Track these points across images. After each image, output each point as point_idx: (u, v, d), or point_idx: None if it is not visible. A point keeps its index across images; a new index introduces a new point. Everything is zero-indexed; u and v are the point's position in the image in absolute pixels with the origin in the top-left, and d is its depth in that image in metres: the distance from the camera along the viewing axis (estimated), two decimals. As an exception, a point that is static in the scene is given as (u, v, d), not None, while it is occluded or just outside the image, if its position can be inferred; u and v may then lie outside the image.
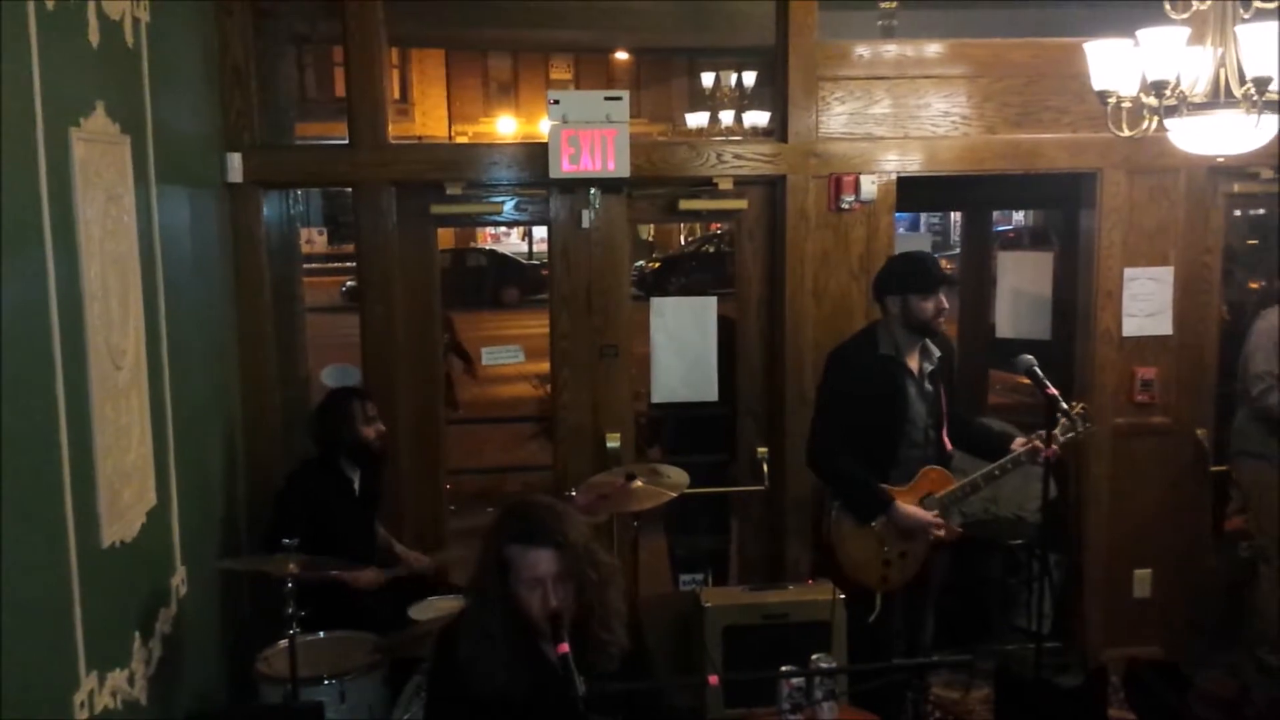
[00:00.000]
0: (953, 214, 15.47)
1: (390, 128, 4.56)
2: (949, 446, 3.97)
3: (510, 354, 4.88)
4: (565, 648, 2.32)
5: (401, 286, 4.52)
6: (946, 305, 3.89)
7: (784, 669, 3.04)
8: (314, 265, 16.51)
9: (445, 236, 21.54)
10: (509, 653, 2.47)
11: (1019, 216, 16.15)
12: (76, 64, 2.74)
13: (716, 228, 17.27)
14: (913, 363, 3.89)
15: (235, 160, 4.18)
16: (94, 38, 2.84)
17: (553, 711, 2.43)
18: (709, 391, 4.80)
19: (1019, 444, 3.89)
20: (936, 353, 3.93)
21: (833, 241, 4.68)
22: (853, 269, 4.69)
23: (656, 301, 4.79)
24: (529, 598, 2.46)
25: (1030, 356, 3.59)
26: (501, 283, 18.31)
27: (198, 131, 3.94)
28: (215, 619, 3.88)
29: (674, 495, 4.04)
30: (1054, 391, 3.52)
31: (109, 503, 2.81)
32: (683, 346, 4.73)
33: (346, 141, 4.43)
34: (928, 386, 3.90)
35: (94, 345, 2.76)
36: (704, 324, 4.76)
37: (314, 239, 19.11)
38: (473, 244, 21.93)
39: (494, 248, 21.31)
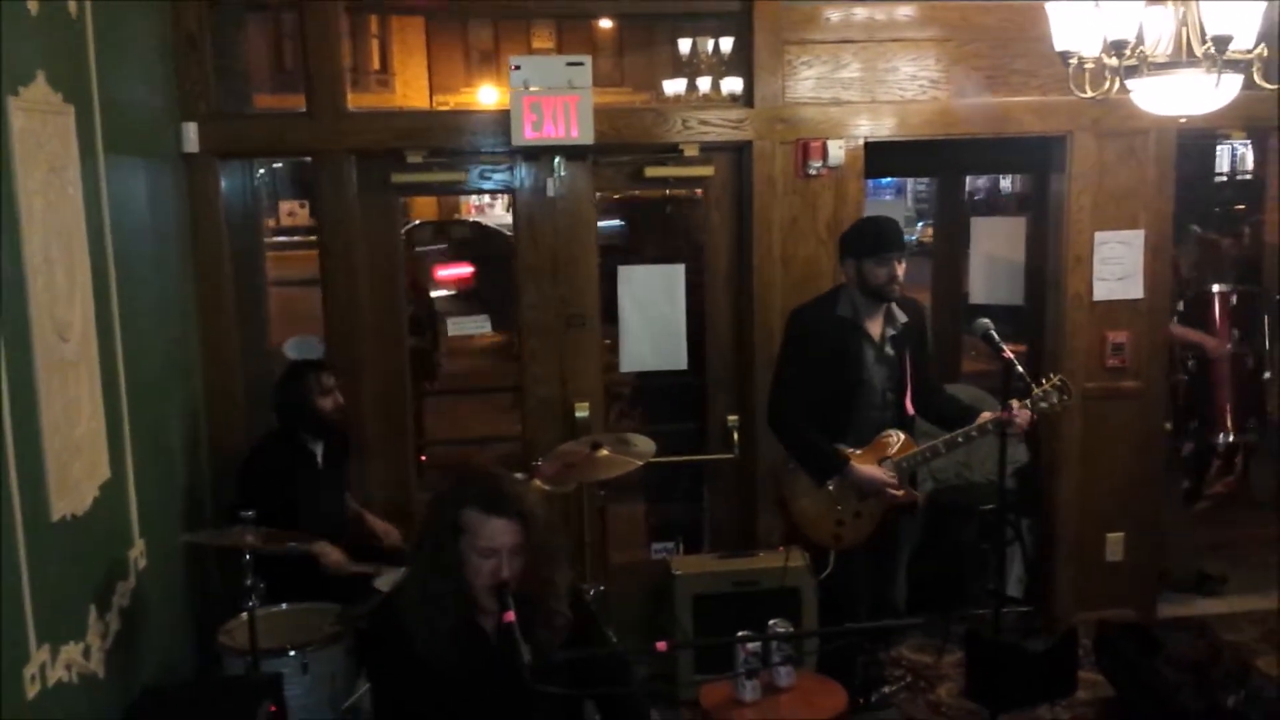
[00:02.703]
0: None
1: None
2: (910, 411, 3.96)
3: (476, 324, 4.84)
4: (511, 616, 2.30)
5: (364, 257, 4.48)
6: (899, 273, 3.84)
7: (739, 634, 3.04)
8: (296, 238, 16.33)
9: (428, 208, 21.35)
10: (454, 619, 2.45)
11: (1005, 183, 16.07)
12: (13, 32, 2.68)
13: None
14: (873, 326, 3.87)
15: (190, 130, 4.12)
16: (33, 5, 2.79)
17: (495, 682, 2.40)
18: (678, 360, 4.77)
19: (987, 417, 3.87)
20: (902, 318, 3.91)
21: (801, 208, 4.65)
22: (821, 235, 4.66)
23: (624, 269, 4.75)
24: (480, 565, 2.43)
25: (986, 320, 3.57)
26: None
27: (150, 102, 3.88)
28: (178, 592, 3.86)
29: (639, 464, 4.03)
30: (1010, 355, 3.49)
31: (57, 476, 2.79)
32: (651, 315, 4.70)
33: (305, 110, 4.37)
34: (888, 351, 3.88)
35: (37, 318, 2.72)
36: (672, 292, 4.73)
37: (296, 211, 18.90)
38: (456, 216, 21.76)
39: (478, 219, 21.15)
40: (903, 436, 3.88)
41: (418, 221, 19.53)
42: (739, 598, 4.35)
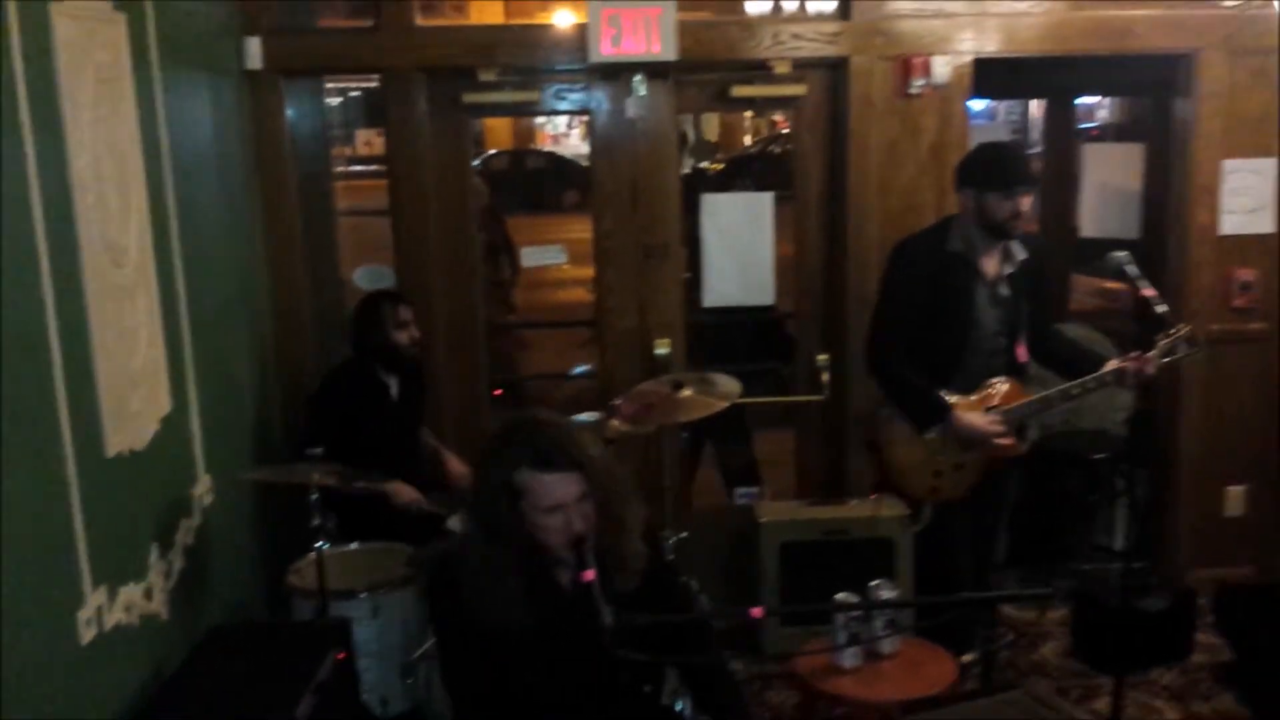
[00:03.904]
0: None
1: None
2: (1023, 357, 3.62)
3: (551, 255, 4.60)
4: (591, 575, 2.09)
5: (434, 182, 4.25)
6: (1025, 210, 3.49)
7: (839, 598, 2.79)
8: (373, 167, 16.29)
9: (503, 137, 21.15)
10: (522, 586, 2.25)
11: (1103, 112, 15.27)
12: (56, -69, 2.48)
13: (783, 126, 16.69)
14: (988, 264, 3.52)
15: (254, 45, 3.90)
16: (78, -99, 2.57)
17: (573, 644, 2.20)
18: (764, 294, 4.49)
19: (1112, 366, 3.52)
20: (1020, 255, 3.55)
21: (900, 130, 4.30)
22: (922, 160, 4.32)
23: (708, 198, 4.46)
24: (547, 524, 2.23)
25: (1123, 253, 3.20)
26: (561, 185, 17.90)
27: (209, 14, 3.66)
28: (247, 529, 3.74)
29: (724, 405, 3.78)
30: (1151, 292, 3.12)
31: (113, 409, 2.63)
32: (736, 246, 4.42)
33: (372, 25, 4.13)
34: (1003, 291, 3.53)
35: (87, 241, 2.54)
36: (759, 221, 4.43)
37: (373, 141, 18.81)
38: (532, 146, 21.53)
39: (553, 149, 20.89)
40: (1013, 384, 3.55)
41: (493, 151, 19.42)
42: (828, 547, 4.12)
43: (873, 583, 2.96)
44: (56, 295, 2.38)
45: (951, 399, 3.49)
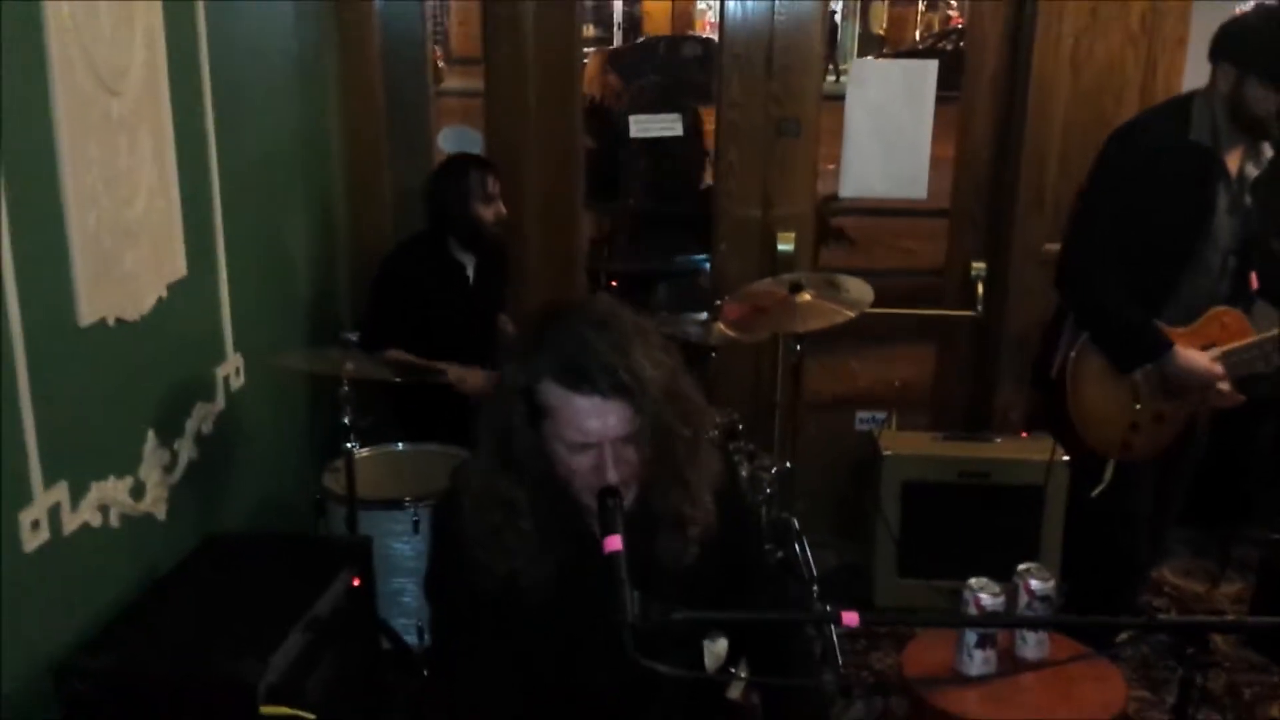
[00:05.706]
0: None
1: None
2: (1254, 285, 2.82)
3: (663, 124, 3.94)
4: (616, 543, 1.47)
5: (534, 29, 3.64)
6: None
7: (972, 585, 2.12)
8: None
9: (662, 22, 20.28)
10: (539, 532, 1.68)
11: None
12: None
13: (957, 21, 15.40)
14: (1232, 161, 2.70)
15: None
16: None
17: (591, 610, 1.60)
18: (916, 186, 3.76)
19: None
20: (1269, 154, 2.73)
21: (1104, -11, 3.50)
22: (1130, 28, 3.51)
23: (857, 64, 3.81)
24: (570, 462, 1.62)
25: None
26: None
27: None
28: (288, 419, 3.27)
29: (851, 316, 3.13)
30: None
31: (93, 267, 2.17)
32: (887, 125, 3.69)
33: None
34: (1246, 199, 2.72)
35: (59, 56, 2.05)
36: (919, 98, 3.68)
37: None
38: (690, 32, 20.65)
39: (711, 36, 19.97)
40: (1238, 317, 2.77)
41: (645, 37, 18.62)
42: (964, 491, 3.49)
43: (1022, 567, 2.26)
44: (8, 121, 1.90)
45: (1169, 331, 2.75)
